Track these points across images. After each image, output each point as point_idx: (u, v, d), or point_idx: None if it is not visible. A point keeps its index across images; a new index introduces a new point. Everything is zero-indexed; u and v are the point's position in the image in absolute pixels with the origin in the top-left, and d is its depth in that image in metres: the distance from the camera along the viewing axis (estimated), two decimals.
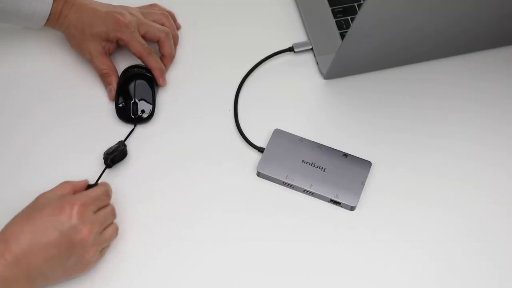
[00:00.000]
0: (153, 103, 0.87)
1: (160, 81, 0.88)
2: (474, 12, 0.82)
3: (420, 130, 0.88)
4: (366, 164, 0.84)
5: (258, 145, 0.86)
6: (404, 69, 0.92)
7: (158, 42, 0.88)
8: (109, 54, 0.88)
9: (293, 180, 0.82)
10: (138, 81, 0.87)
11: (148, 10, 0.91)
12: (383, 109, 0.89)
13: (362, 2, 0.94)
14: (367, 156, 0.84)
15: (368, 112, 0.89)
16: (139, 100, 0.86)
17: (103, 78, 0.87)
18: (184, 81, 0.90)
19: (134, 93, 0.87)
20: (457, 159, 0.86)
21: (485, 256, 0.80)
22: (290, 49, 0.92)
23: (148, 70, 0.88)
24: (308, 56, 0.92)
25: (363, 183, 0.82)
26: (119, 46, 0.89)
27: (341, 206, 0.82)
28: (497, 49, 0.93)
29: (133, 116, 0.86)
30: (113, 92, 0.87)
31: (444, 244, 0.80)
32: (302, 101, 0.89)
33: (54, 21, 0.85)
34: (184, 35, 0.94)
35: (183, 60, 0.92)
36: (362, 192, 0.82)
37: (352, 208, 0.82)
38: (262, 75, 0.91)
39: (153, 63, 0.87)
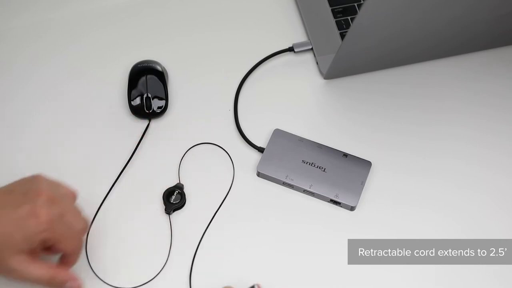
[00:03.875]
0: (165, 97, 0.87)
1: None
2: (474, 12, 0.82)
3: (420, 130, 0.88)
4: (366, 164, 0.84)
5: (258, 145, 0.86)
6: (405, 69, 0.92)
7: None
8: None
9: (293, 180, 0.82)
10: (149, 76, 0.87)
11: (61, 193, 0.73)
12: (383, 109, 0.89)
13: (362, 2, 0.94)
14: (367, 156, 0.84)
15: (368, 112, 0.89)
16: (151, 95, 0.87)
17: (51, 284, 0.71)
18: (184, 82, 0.90)
19: (146, 87, 0.87)
20: (457, 160, 0.86)
21: (485, 257, 0.80)
22: (290, 49, 0.92)
23: (157, 63, 0.88)
24: (308, 56, 0.92)
25: (363, 183, 0.82)
26: None
27: (341, 206, 0.82)
28: (497, 49, 0.93)
29: (147, 111, 0.86)
30: (77, 286, 0.72)
31: (445, 244, 0.80)
32: (302, 101, 0.89)
33: None
34: (185, 35, 0.94)
35: (182, 61, 0.92)
36: (362, 192, 0.82)
37: (352, 208, 0.82)
38: (262, 75, 0.91)
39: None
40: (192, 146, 0.85)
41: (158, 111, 0.87)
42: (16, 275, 0.69)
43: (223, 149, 0.85)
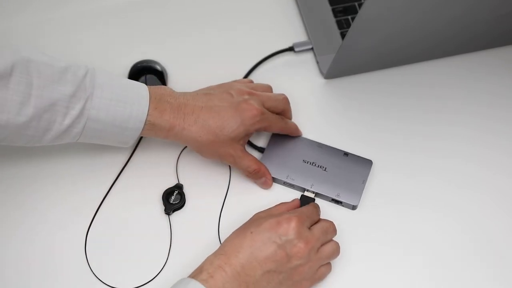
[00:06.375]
0: None
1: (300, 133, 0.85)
2: (474, 12, 0.82)
3: (420, 130, 0.88)
4: (367, 163, 0.84)
5: (258, 145, 0.85)
6: (405, 69, 0.92)
7: (281, 112, 0.84)
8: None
9: (294, 179, 0.82)
10: (148, 76, 0.87)
11: (256, 86, 0.85)
12: (384, 108, 0.89)
13: (362, 1, 0.94)
14: (368, 155, 0.84)
15: (368, 111, 0.89)
16: None
17: (253, 175, 0.81)
18: (184, 82, 0.90)
19: None
20: (457, 159, 0.86)
21: (484, 257, 0.80)
22: (290, 49, 0.92)
23: (156, 63, 0.88)
24: (308, 56, 0.92)
25: (364, 182, 0.82)
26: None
27: (343, 205, 0.82)
28: (497, 49, 0.93)
29: None
30: (270, 182, 0.82)
31: (445, 244, 0.80)
32: (302, 101, 0.89)
33: (164, 133, 0.77)
34: (185, 35, 0.94)
35: (182, 61, 0.92)
36: (364, 191, 0.82)
37: (353, 207, 0.82)
38: (262, 74, 0.91)
39: (293, 128, 0.85)
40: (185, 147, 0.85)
41: None
42: (231, 160, 0.80)
43: None
